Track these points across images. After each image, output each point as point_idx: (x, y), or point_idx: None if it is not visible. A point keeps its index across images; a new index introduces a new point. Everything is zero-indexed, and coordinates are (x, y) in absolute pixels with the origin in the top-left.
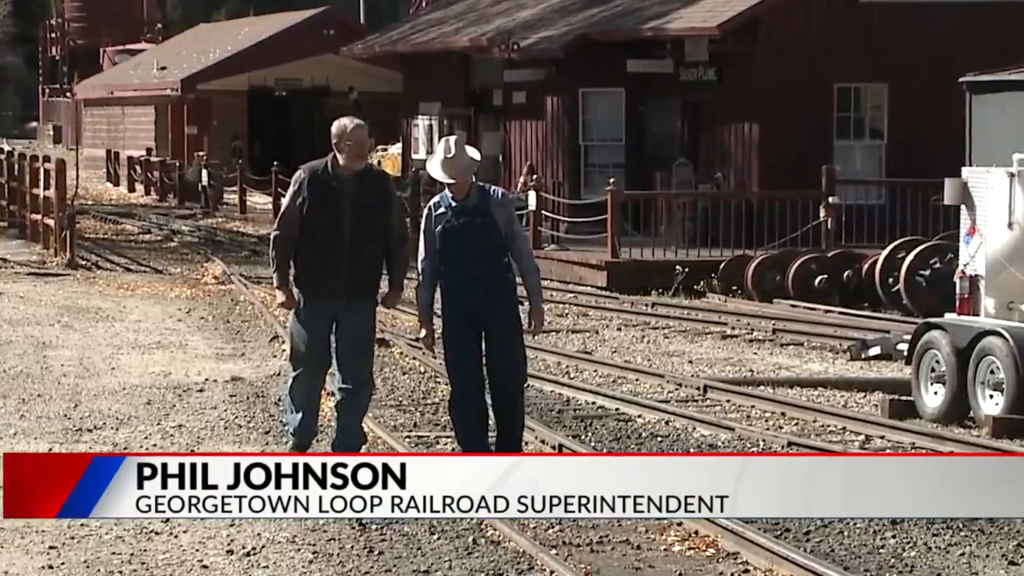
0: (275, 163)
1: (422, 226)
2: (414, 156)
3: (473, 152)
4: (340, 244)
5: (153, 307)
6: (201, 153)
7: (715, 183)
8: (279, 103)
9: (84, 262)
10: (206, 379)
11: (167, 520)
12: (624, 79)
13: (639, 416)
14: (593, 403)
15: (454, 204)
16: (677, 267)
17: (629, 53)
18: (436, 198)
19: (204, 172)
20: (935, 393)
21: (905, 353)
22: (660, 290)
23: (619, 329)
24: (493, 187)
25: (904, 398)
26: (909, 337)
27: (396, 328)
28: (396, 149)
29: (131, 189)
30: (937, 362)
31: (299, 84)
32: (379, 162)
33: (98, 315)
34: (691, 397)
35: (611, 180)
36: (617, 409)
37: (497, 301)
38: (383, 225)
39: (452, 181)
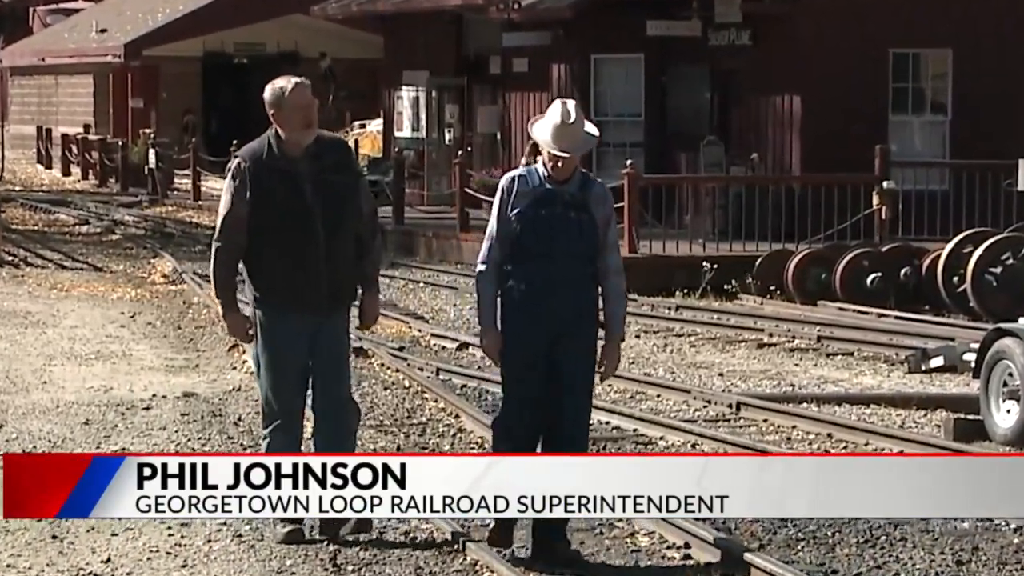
0: (234, 142)
1: (496, 203)
2: (397, 133)
3: (592, 128)
4: (312, 243)
5: (92, 310)
6: (148, 130)
7: (750, 165)
8: (239, 72)
9: (11, 258)
10: (153, 395)
11: (108, 559)
12: (643, 44)
13: (661, 438)
14: (607, 423)
15: (548, 187)
16: (705, 264)
17: (649, 13)
18: (520, 170)
19: (151, 152)
20: (1007, 411)
21: (972, 364)
22: (686, 291)
23: (638, 336)
24: (596, 177)
25: (971, 417)
26: (977, 346)
27: (376, 335)
28: (376, 125)
29: (66, 172)
30: (1010, 375)
31: (262, 50)
32: (356, 141)
33: (27, 320)
34: (722, 416)
35: (628, 162)
36: (635, 430)
37: (581, 317)
38: (354, 208)
39: (565, 155)
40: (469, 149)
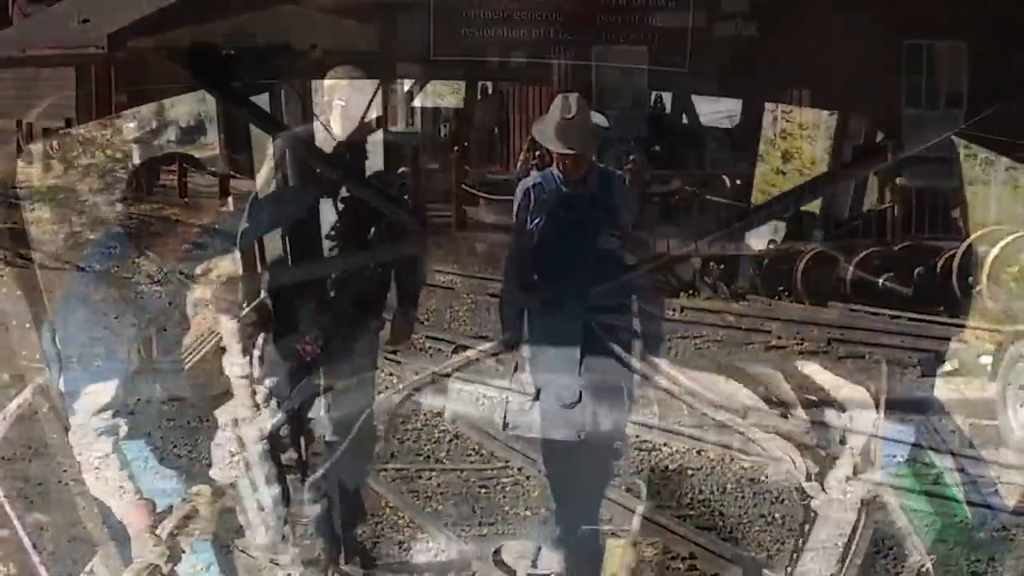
0: (220, 136)
1: (514, 216)
2: (390, 129)
3: (599, 118)
4: (335, 245)
5: (73, 311)
6: (132, 124)
7: (756, 161)
8: (226, 64)
9: None
10: (138, 399)
11: (91, 570)
12: (646, 35)
13: (664, 445)
14: None
15: (564, 189)
16: (711, 263)
17: (653, 2)
18: (535, 176)
19: (135, 147)
20: None
21: (988, 368)
22: (690, 291)
23: None
24: (618, 171)
25: (987, 422)
26: (993, 348)
27: None
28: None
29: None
30: None
31: (251, 41)
32: None
33: (5, 322)
34: (728, 421)
35: (631, 157)
36: (638, 436)
37: (610, 321)
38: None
39: (569, 152)
40: (466, 144)
